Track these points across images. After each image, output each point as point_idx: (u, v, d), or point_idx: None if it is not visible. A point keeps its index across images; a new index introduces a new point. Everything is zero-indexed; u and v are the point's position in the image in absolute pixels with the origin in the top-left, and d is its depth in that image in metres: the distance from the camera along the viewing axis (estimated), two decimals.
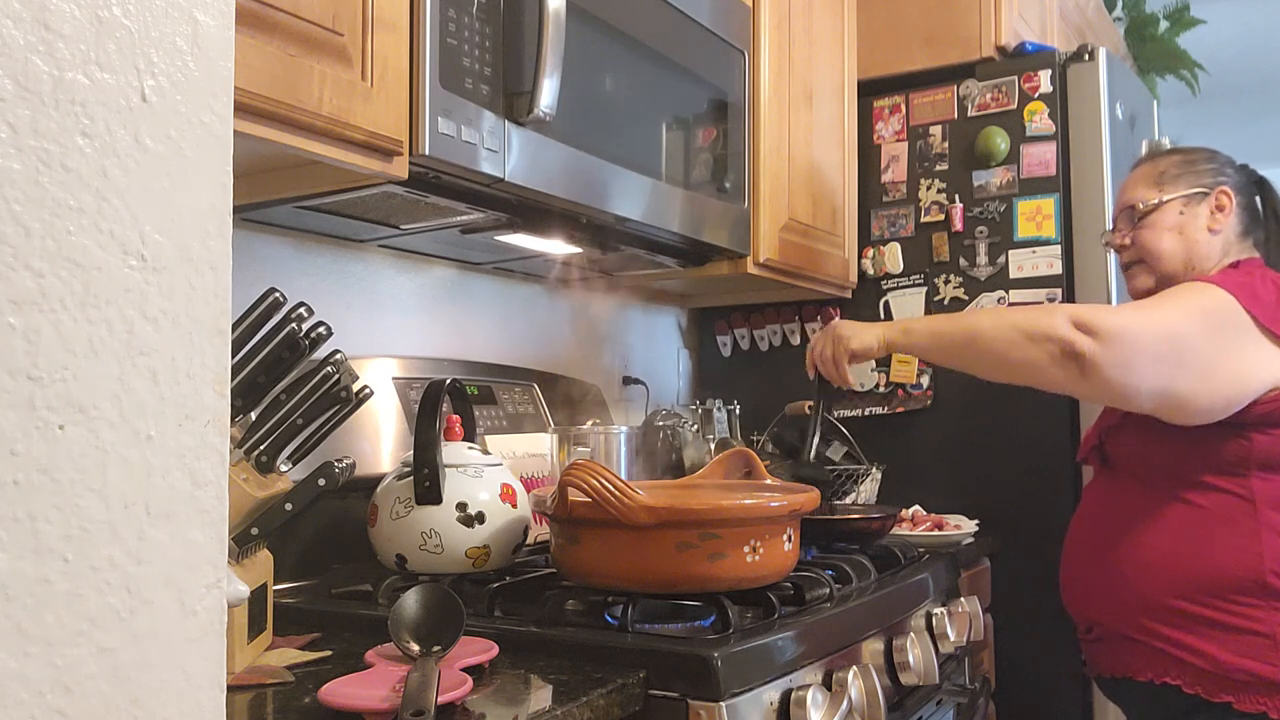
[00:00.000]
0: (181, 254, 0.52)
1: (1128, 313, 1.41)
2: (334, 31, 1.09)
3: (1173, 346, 1.37)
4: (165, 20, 0.51)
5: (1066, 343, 1.36)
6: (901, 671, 1.34)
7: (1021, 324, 1.41)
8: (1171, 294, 1.45)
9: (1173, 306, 1.41)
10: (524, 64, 1.30)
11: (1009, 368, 1.44)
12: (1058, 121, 2.13)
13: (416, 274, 1.76)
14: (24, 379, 0.44)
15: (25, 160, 0.45)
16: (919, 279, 2.26)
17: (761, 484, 1.34)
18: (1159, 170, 1.61)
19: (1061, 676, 2.03)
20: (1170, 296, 1.44)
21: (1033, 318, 1.42)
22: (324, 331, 1.02)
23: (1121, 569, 1.48)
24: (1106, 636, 1.51)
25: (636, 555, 1.08)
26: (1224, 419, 1.39)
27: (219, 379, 0.54)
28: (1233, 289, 1.40)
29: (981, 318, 1.53)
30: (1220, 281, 1.43)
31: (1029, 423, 2.10)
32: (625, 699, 0.94)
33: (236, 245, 0.56)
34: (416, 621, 0.98)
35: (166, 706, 0.51)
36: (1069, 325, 1.36)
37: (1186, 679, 1.40)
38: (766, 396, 2.32)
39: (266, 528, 1.00)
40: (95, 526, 0.47)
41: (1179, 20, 4.44)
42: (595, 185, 1.47)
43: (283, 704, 0.89)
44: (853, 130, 2.30)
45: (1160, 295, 1.46)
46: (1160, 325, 1.38)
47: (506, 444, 1.60)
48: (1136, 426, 1.48)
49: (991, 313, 1.55)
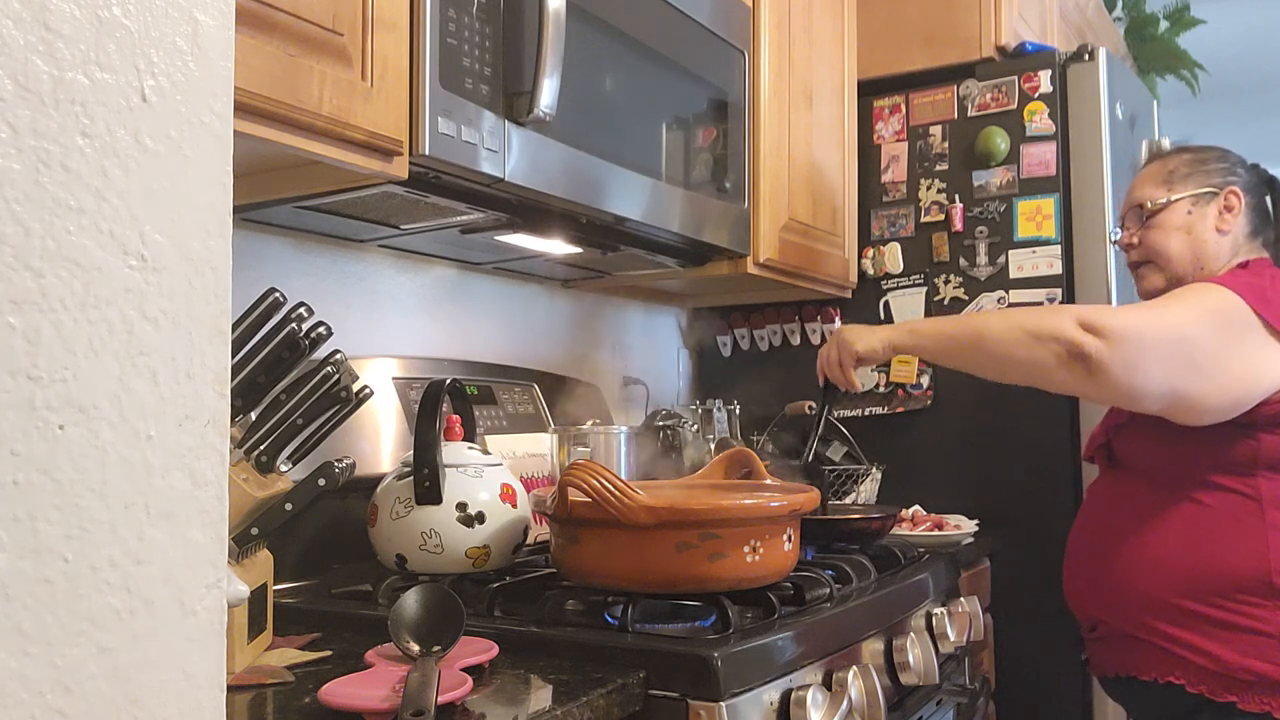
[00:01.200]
0: (181, 254, 0.52)
1: (1135, 313, 1.41)
2: (334, 31, 1.09)
3: (1180, 348, 1.36)
4: (165, 20, 0.51)
5: (1073, 344, 1.35)
6: (901, 671, 1.34)
7: (1028, 325, 1.41)
8: (1179, 295, 1.45)
9: (1180, 307, 1.41)
10: (524, 64, 1.30)
11: (1015, 369, 1.44)
12: (1058, 121, 2.13)
13: (416, 274, 1.76)
14: (24, 379, 0.44)
15: (25, 160, 0.45)
16: (919, 279, 2.26)
17: (761, 484, 1.34)
18: (1168, 169, 1.60)
19: (1061, 676, 2.03)
20: (1177, 297, 1.44)
21: (1039, 319, 1.42)
22: (324, 331, 1.02)
23: (1127, 567, 1.47)
24: (1110, 635, 1.51)
25: (636, 555, 1.08)
26: (1232, 419, 1.39)
27: (219, 379, 0.54)
28: (1241, 290, 1.40)
29: (988, 319, 1.52)
30: (1228, 282, 1.42)
31: (1029, 422, 2.10)
32: (625, 699, 0.94)
33: (236, 245, 0.56)
34: (416, 621, 0.98)
35: (166, 706, 0.51)
36: (1076, 326, 1.36)
37: (1190, 678, 1.40)
38: (766, 396, 2.32)
39: (266, 528, 1.00)
40: (95, 526, 0.47)
41: (1179, 20, 4.44)
42: (595, 185, 1.47)
43: (283, 704, 0.89)
44: (853, 130, 2.30)
45: (1168, 296, 1.46)
46: (1168, 326, 1.38)
47: (506, 444, 1.60)
48: (1144, 426, 1.47)
49: (997, 314, 1.53)
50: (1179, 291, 1.46)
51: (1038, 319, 1.41)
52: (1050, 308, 1.49)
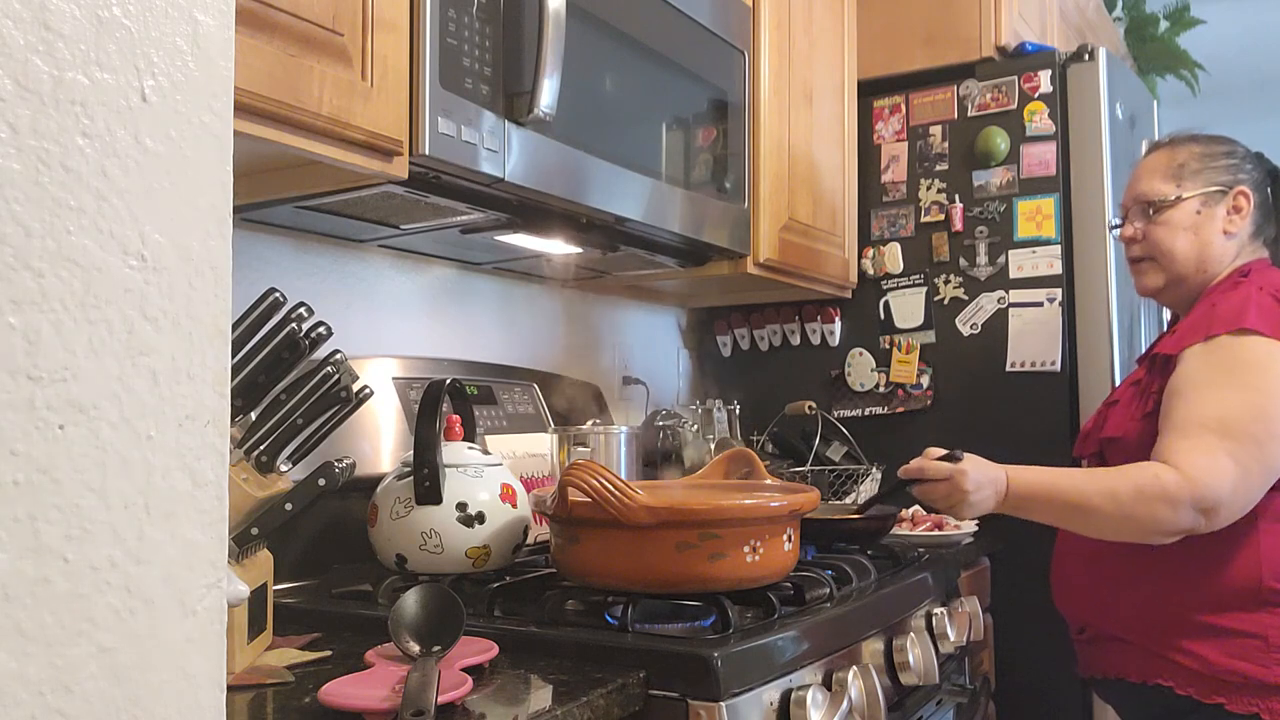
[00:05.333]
0: (181, 254, 0.52)
1: (1235, 459, 1.33)
2: (334, 31, 1.09)
3: (1275, 451, 1.35)
4: (165, 20, 0.51)
5: (1189, 530, 1.34)
6: (901, 671, 1.34)
7: (1142, 516, 1.34)
8: (1254, 383, 1.37)
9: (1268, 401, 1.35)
10: (524, 64, 1.30)
11: (1122, 537, 1.41)
12: (1058, 121, 2.13)
13: (416, 274, 1.76)
14: (24, 379, 0.44)
15: (25, 160, 0.45)
16: (919, 279, 2.26)
17: (761, 484, 1.34)
18: (1177, 162, 1.56)
19: (1061, 676, 2.02)
20: (1255, 388, 1.36)
21: (1153, 510, 1.33)
22: (324, 331, 1.02)
23: (1115, 571, 1.47)
24: (1099, 637, 1.51)
25: (636, 555, 1.08)
26: None
27: (219, 379, 0.54)
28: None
29: (1094, 497, 1.38)
30: (1263, 328, 1.38)
31: (1029, 423, 2.10)
32: (625, 699, 0.94)
33: (236, 245, 0.56)
34: (416, 621, 0.98)
35: (166, 706, 0.51)
36: (1192, 513, 1.32)
37: (1179, 680, 1.39)
38: (766, 396, 2.32)
39: (266, 528, 1.00)
40: (95, 526, 0.47)
41: (1179, 20, 4.44)
42: (595, 185, 1.46)
43: (283, 704, 0.89)
44: (853, 130, 2.30)
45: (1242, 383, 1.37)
46: (1270, 456, 1.35)
47: (506, 444, 1.60)
48: (1139, 443, 1.45)
49: (1106, 494, 1.37)
50: (1248, 372, 1.38)
51: (1151, 510, 1.33)
52: (1160, 486, 1.32)
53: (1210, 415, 1.36)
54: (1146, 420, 1.46)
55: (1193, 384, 1.40)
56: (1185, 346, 1.43)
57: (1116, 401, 1.56)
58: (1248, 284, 1.46)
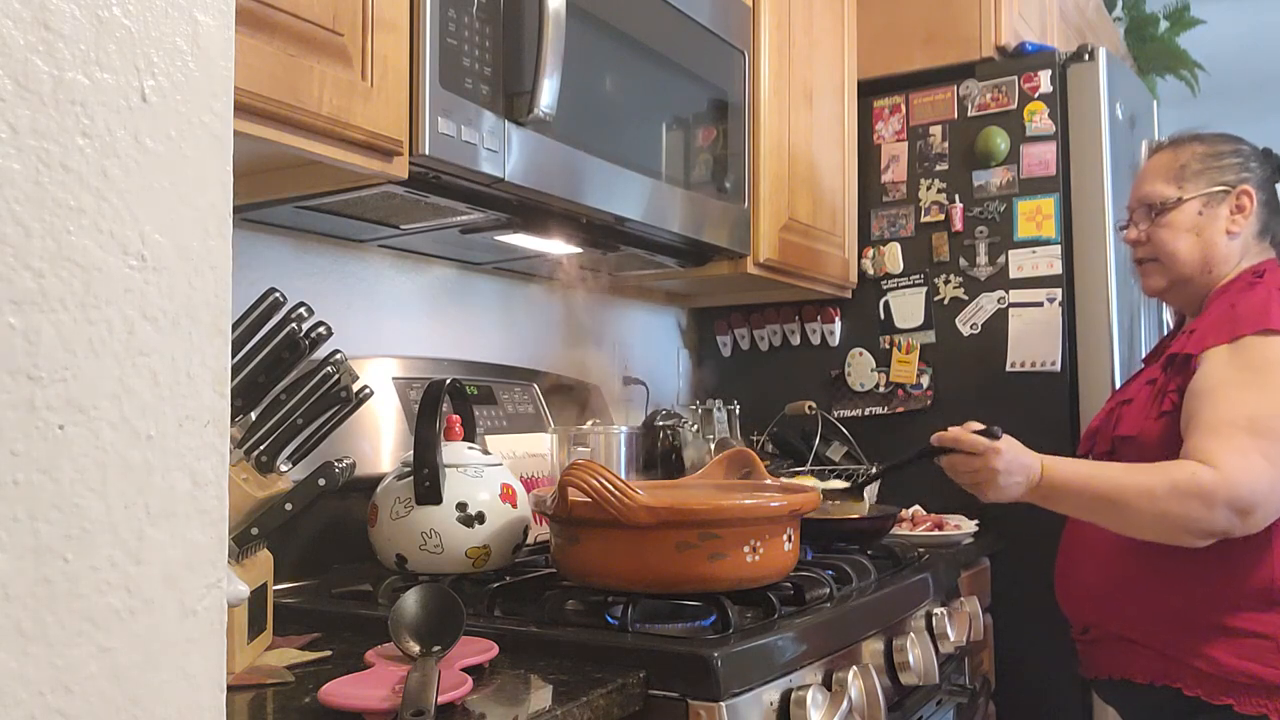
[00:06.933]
0: (181, 254, 0.52)
1: (1269, 459, 1.32)
2: (334, 31, 1.09)
3: None
4: (165, 20, 0.51)
5: (1224, 532, 1.33)
6: (901, 671, 1.34)
7: (1176, 514, 1.32)
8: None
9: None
10: (524, 64, 1.30)
11: (1150, 536, 1.39)
12: (1058, 121, 2.13)
13: (416, 274, 1.76)
14: (24, 379, 0.44)
15: (25, 160, 0.45)
16: (919, 279, 2.26)
17: (761, 484, 1.34)
18: (1180, 163, 1.55)
19: (1061, 676, 2.02)
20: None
21: (1187, 507, 1.31)
22: (324, 331, 1.02)
23: (1124, 571, 1.46)
24: (1104, 638, 1.50)
25: (636, 555, 1.08)
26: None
27: (219, 379, 0.54)
28: None
29: (1129, 491, 1.35)
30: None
31: (1029, 423, 2.09)
32: (625, 699, 0.94)
33: (236, 245, 0.56)
34: (416, 621, 0.98)
35: (166, 706, 0.51)
36: (1226, 513, 1.30)
37: (1188, 682, 1.39)
38: (766, 396, 2.32)
39: (266, 528, 1.00)
40: (95, 526, 0.47)
41: (1179, 20, 4.44)
42: (595, 185, 1.46)
43: (283, 704, 0.89)
44: (853, 130, 2.30)
45: (1271, 384, 1.36)
46: None
47: (506, 444, 1.60)
48: (1154, 442, 1.45)
49: (1141, 488, 1.34)
50: (1272, 372, 1.37)
51: (1185, 506, 1.31)
52: (1196, 483, 1.30)
53: (1241, 415, 1.35)
54: (1163, 419, 1.45)
55: (1220, 384, 1.39)
56: (1207, 347, 1.42)
57: (1130, 400, 1.54)
58: (1265, 284, 1.46)
